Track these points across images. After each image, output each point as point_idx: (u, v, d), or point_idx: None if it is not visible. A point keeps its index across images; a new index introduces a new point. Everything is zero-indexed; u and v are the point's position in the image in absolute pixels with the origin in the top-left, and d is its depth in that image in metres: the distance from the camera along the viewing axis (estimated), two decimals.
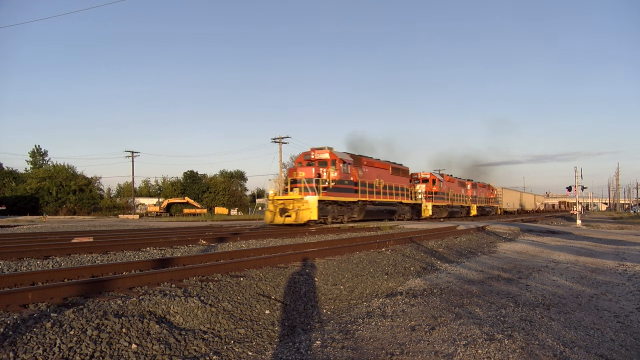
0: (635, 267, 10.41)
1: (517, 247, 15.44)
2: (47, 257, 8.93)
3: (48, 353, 3.72)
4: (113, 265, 7.65)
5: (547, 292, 7.35)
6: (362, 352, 4.37)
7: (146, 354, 3.99)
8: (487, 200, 55.61)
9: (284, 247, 11.25)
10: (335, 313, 5.96)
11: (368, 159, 29.38)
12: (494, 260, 11.61)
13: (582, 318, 5.69)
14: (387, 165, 32.28)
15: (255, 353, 4.38)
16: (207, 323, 4.94)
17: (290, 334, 5.03)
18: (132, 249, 10.64)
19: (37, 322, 4.21)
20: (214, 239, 13.06)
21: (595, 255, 13.18)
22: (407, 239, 13.84)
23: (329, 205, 24.11)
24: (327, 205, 23.83)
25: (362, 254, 10.51)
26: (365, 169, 28.23)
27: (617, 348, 4.58)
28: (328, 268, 8.51)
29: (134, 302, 5.07)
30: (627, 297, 7.17)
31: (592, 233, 23.11)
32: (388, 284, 7.88)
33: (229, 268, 7.58)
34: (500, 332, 4.92)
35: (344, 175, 25.16)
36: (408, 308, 6.05)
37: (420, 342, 4.63)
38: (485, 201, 54.62)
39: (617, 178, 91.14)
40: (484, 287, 7.68)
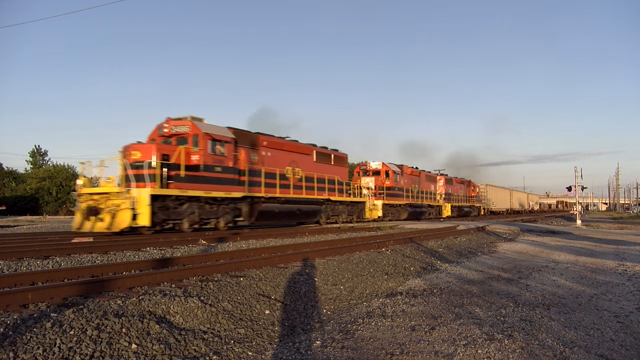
0: (635, 267, 10.41)
1: (517, 247, 15.44)
2: (47, 257, 8.93)
3: (48, 353, 3.72)
4: (113, 265, 7.65)
5: (547, 292, 7.35)
6: (362, 352, 4.37)
7: (146, 354, 3.99)
8: (466, 199, 47.80)
9: (284, 247, 11.25)
10: (335, 313, 5.96)
11: (271, 138, 20.62)
12: (494, 260, 11.61)
13: (582, 318, 5.69)
14: (307, 148, 23.11)
15: (255, 353, 4.38)
16: (207, 323, 4.94)
17: (290, 334, 5.03)
18: (132, 249, 10.63)
19: (37, 322, 4.21)
20: (214, 239, 13.06)
21: (595, 255, 13.18)
22: (407, 239, 13.83)
23: (178, 203, 15.34)
24: (173, 202, 15.11)
25: (362, 254, 10.51)
26: (266, 152, 19.77)
27: (617, 348, 4.58)
28: (328, 268, 8.51)
29: (134, 302, 5.07)
30: (627, 297, 7.17)
31: (592, 233, 23.10)
32: (388, 284, 7.88)
33: (229, 268, 7.58)
34: (500, 332, 4.92)
35: (215, 159, 16.66)
36: (408, 308, 6.05)
37: (420, 342, 4.63)
38: (464, 200, 46.98)
39: (617, 178, 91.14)
40: (484, 287, 7.68)
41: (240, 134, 18.38)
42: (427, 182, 38.71)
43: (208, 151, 16.35)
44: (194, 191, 15.61)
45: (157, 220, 14.49)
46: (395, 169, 32.22)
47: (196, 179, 15.83)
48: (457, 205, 44.88)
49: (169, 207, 14.95)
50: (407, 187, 33.47)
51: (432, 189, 39.73)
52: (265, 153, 19.79)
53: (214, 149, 16.64)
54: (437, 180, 41.79)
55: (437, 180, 41.63)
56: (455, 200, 44.25)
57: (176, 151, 15.34)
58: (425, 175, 38.65)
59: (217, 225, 17.17)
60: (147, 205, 13.84)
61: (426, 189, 37.74)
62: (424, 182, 37.81)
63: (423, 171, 38.26)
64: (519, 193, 76.94)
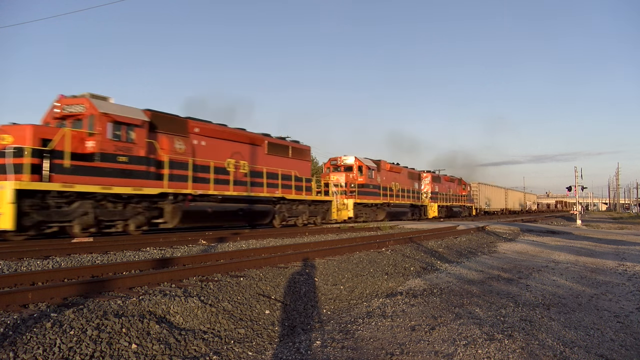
0: (635, 267, 10.41)
1: (517, 247, 15.44)
2: (47, 257, 8.92)
3: (48, 353, 3.72)
4: (113, 265, 7.65)
5: (547, 292, 7.35)
6: (362, 352, 4.37)
7: (146, 354, 3.99)
8: (456, 198, 44.32)
9: (284, 247, 11.25)
10: (335, 313, 5.96)
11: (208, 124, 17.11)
12: (494, 260, 11.61)
13: (582, 318, 5.69)
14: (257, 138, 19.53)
15: (255, 353, 4.38)
16: (207, 323, 4.94)
17: (290, 334, 5.03)
18: (132, 249, 10.63)
19: (37, 322, 4.21)
20: (214, 239, 13.06)
21: (595, 255, 13.18)
22: (407, 239, 13.83)
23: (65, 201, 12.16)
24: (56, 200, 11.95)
25: (362, 254, 10.51)
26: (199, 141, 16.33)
27: (617, 348, 4.58)
28: (328, 268, 8.51)
29: (134, 302, 5.07)
30: (627, 297, 7.18)
31: (592, 233, 23.10)
32: (388, 284, 7.88)
33: (229, 268, 7.58)
34: (500, 332, 4.92)
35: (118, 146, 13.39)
36: (408, 308, 6.05)
37: (420, 342, 4.63)
38: (453, 199, 43.59)
39: (617, 178, 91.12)
40: (484, 287, 7.68)
41: (160, 117, 15.10)
42: (410, 180, 34.95)
43: (107, 136, 13.08)
44: (86, 186, 12.35)
45: (28, 223, 11.38)
46: (371, 165, 28.47)
47: (90, 171, 12.59)
48: (445, 204, 41.44)
49: (48, 205, 11.77)
50: (385, 184, 29.87)
51: (416, 187, 36.05)
52: (198, 142, 16.33)
53: (116, 133, 13.34)
54: (423, 178, 38.43)
55: (422, 178, 38.19)
56: (443, 200, 40.95)
57: (58, 134, 12.01)
58: (408, 172, 34.86)
59: (125, 228, 13.96)
60: (10, 203, 10.76)
61: (409, 187, 34.08)
62: (407, 180, 34.06)
63: (406, 168, 34.71)
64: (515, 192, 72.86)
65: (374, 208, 28.88)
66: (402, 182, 33.14)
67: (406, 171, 34.60)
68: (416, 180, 36.49)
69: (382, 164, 30.53)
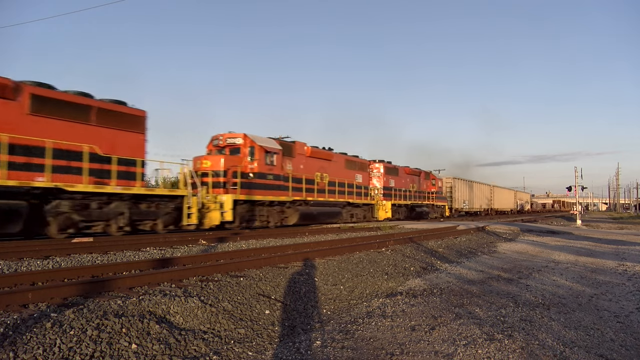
0: (635, 267, 10.41)
1: (517, 247, 15.44)
2: (47, 257, 8.92)
3: (48, 353, 3.72)
4: (113, 265, 7.65)
5: (547, 292, 7.35)
6: (362, 352, 4.37)
7: (146, 354, 3.99)
8: (421, 195, 36.03)
9: (284, 247, 11.25)
10: (335, 313, 5.96)
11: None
12: (494, 260, 11.61)
13: (582, 318, 5.69)
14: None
15: (255, 353, 4.37)
16: (207, 323, 4.94)
17: (290, 334, 5.03)
18: (132, 249, 10.63)
19: (37, 322, 4.21)
20: (214, 239, 13.06)
21: (595, 255, 13.18)
22: (407, 239, 13.83)
23: None
24: None
25: (362, 254, 10.51)
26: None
27: (617, 348, 4.58)
28: (328, 268, 8.51)
29: (134, 302, 5.07)
30: (627, 297, 7.18)
31: (592, 233, 23.11)
32: (388, 284, 7.88)
33: (229, 268, 7.58)
34: (500, 332, 4.92)
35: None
36: (408, 308, 6.05)
37: (420, 342, 4.63)
38: (417, 196, 35.04)
39: (617, 178, 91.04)
40: (484, 287, 7.68)
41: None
42: (350, 171, 26.67)
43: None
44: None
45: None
46: (270, 147, 19.71)
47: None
48: (405, 203, 32.91)
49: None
50: (302, 174, 21.73)
51: (360, 180, 27.52)
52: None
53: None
54: (371, 169, 30.19)
55: (369, 169, 29.79)
56: (401, 197, 32.27)
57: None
58: (346, 160, 26.46)
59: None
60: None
61: (347, 179, 25.73)
62: (343, 170, 25.77)
63: (344, 155, 26.60)
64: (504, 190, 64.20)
65: (278, 208, 20.32)
66: (334, 172, 24.78)
67: (342, 159, 26.05)
68: (359, 172, 27.75)
69: (297, 146, 22.10)
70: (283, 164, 20.70)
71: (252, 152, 19.15)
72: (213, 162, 18.05)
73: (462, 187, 45.55)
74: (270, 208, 19.88)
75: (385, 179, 30.89)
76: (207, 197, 16.74)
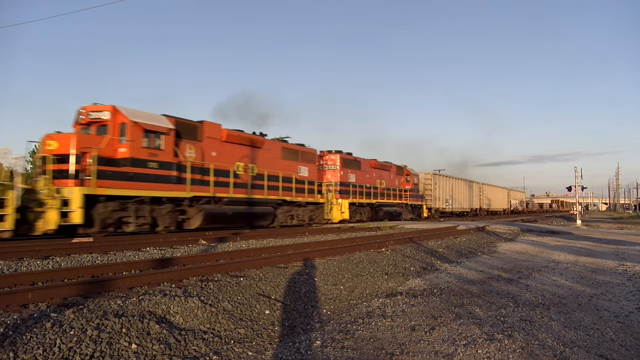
0: (635, 267, 10.41)
1: (517, 247, 15.44)
2: (47, 257, 8.92)
3: (48, 353, 3.72)
4: (113, 265, 7.65)
5: (547, 292, 7.35)
6: (362, 352, 4.37)
7: (146, 354, 3.99)
8: (390, 193, 30.48)
9: (284, 247, 11.25)
10: (335, 313, 5.96)
11: None
12: (494, 260, 11.61)
13: (582, 318, 5.69)
14: None
15: (255, 353, 4.37)
16: (207, 323, 4.94)
17: (290, 334, 5.03)
18: (132, 249, 10.63)
19: (37, 322, 4.21)
20: (214, 239, 13.06)
21: (595, 255, 13.18)
22: (407, 239, 13.83)
23: None
24: None
25: (362, 254, 10.51)
26: None
27: (617, 348, 4.58)
28: (328, 268, 8.51)
29: (134, 302, 5.07)
30: (627, 297, 7.18)
31: (592, 233, 23.11)
32: (388, 284, 7.88)
33: (229, 268, 7.58)
34: (500, 332, 4.92)
35: None
36: (408, 308, 6.05)
37: (420, 342, 4.63)
38: (385, 194, 29.70)
39: (617, 178, 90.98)
40: (484, 287, 7.68)
41: None
42: (289, 162, 21.08)
43: None
44: None
45: None
46: (153, 124, 14.45)
47: None
48: (370, 202, 27.83)
49: None
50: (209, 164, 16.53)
51: (305, 173, 22.04)
52: None
53: None
54: (325, 161, 25.35)
55: (322, 161, 25.23)
56: (364, 195, 27.12)
57: None
58: (283, 148, 20.95)
59: None
60: None
61: (284, 172, 20.30)
62: (278, 162, 20.35)
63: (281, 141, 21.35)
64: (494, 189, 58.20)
65: (169, 207, 15.20)
66: (267, 163, 19.50)
67: (278, 147, 20.62)
68: (304, 163, 22.22)
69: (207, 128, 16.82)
70: (180, 149, 15.55)
71: (123, 130, 13.83)
72: (61, 142, 12.86)
73: (444, 185, 40.52)
74: (156, 207, 14.74)
75: (342, 173, 25.63)
76: (42, 191, 12.00)
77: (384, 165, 30.74)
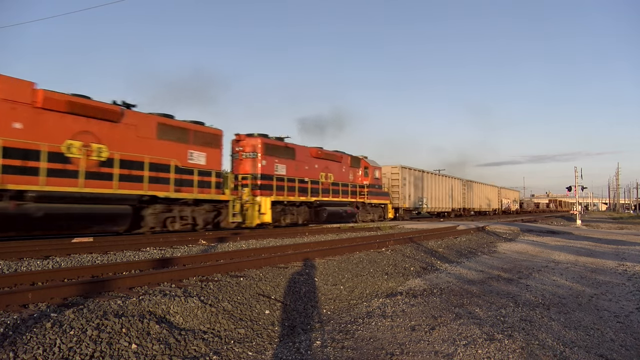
0: (635, 267, 10.41)
1: (517, 247, 15.44)
2: (47, 257, 8.92)
3: (48, 353, 3.71)
4: (113, 265, 7.65)
5: (547, 292, 7.35)
6: (362, 352, 4.37)
7: (146, 354, 3.99)
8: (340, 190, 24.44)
9: (284, 247, 11.25)
10: (335, 313, 5.96)
11: None
12: (494, 260, 11.61)
13: (582, 318, 5.69)
14: None
15: (255, 353, 4.37)
16: (207, 323, 4.94)
17: (290, 334, 5.03)
18: (132, 249, 10.63)
19: (37, 322, 4.21)
20: (214, 239, 13.06)
21: (595, 255, 13.18)
22: (407, 239, 13.83)
23: None
24: None
25: (362, 254, 10.51)
26: None
27: (617, 348, 4.58)
28: (328, 268, 8.51)
29: (134, 302, 5.07)
30: (627, 297, 7.18)
31: (592, 233, 23.11)
32: (388, 284, 7.88)
33: (229, 268, 7.58)
34: (500, 332, 4.92)
35: None
36: (408, 308, 6.05)
37: (420, 342, 4.63)
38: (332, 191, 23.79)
39: (617, 178, 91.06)
40: (484, 287, 7.68)
41: None
42: (174, 145, 15.45)
43: None
44: None
45: None
46: None
47: None
48: (307, 200, 21.75)
49: None
50: None
51: (201, 161, 16.45)
52: None
53: None
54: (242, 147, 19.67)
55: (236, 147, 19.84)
56: (298, 191, 21.10)
57: None
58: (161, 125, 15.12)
59: None
60: None
61: (160, 156, 14.80)
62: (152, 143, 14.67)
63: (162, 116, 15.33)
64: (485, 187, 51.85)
65: None
66: (123, 142, 13.87)
67: (152, 122, 14.79)
68: (202, 148, 16.45)
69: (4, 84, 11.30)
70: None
71: None
72: None
73: (416, 181, 34.33)
74: None
75: (265, 163, 19.62)
76: None
77: (331, 155, 24.38)
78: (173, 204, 15.39)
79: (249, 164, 19.58)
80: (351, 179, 26.26)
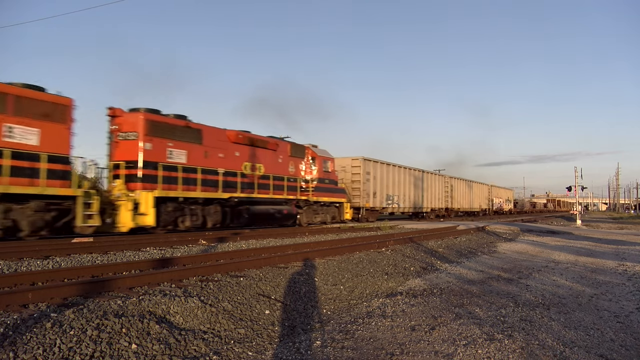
0: (635, 267, 10.41)
1: (517, 247, 15.44)
2: (47, 257, 8.92)
3: (48, 353, 3.71)
4: (113, 265, 7.65)
5: (547, 292, 7.35)
6: (362, 352, 4.37)
7: (146, 354, 3.99)
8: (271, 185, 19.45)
9: (284, 247, 11.25)
10: (335, 313, 5.95)
11: None
12: (494, 260, 11.61)
13: (582, 318, 5.69)
14: None
15: (255, 353, 4.37)
16: (207, 323, 4.94)
17: (290, 334, 5.03)
18: (132, 249, 10.63)
19: (37, 322, 4.21)
20: (214, 239, 13.06)
21: (595, 255, 13.18)
22: (407, 239, 13.83)
23: None
24: None
25: (362, 254, 10.51)
26: None
27: (617, 348, 4.58)
28: (328, 268, 8.51)
29: (134, 302, 5.07)
30: (627, 297, 7.18)
31: (592, 233, 23.11)
32: (388, 284, 7.88)
33: (229, 268, 7.58)
34: (500, 332, 4.92)
35: None
36: (408, 308, 6.04)
37: (420, 342, 4.63)
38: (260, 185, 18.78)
39: (617, 178, 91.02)
40: (484, 287, 7.68)
41: None
42: None
43: None
44: None
45: None
46: None
47: None
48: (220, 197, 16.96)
49: None
50: None
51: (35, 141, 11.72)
52: None
53: None
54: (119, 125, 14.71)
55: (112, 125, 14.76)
56: (202, 184, 16.16)
57: None
58: None
59: None
60: None
61: None
62: None
63: None
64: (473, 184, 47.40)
65: None
66: None
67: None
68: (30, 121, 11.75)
69: None
70: None
71: None
72: None
73: (384, 176, 29.35)
74: None
75: (150, 147, 14.77)
76: None
77: (260, 140, 19.46)
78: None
79: (126, 148, 14.63)
80: (292, 171, 21.20)
